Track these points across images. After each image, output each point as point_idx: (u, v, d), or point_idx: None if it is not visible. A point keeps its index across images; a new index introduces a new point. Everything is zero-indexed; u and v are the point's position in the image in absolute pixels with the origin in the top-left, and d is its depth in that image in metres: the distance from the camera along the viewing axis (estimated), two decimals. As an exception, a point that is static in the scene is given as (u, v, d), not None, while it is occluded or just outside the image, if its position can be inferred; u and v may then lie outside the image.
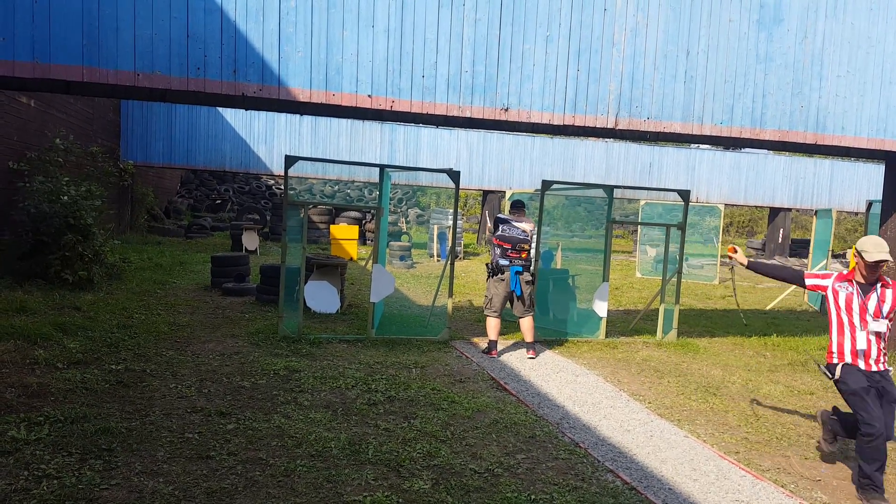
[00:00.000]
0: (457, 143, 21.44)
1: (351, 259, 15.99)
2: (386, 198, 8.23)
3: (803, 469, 4.62)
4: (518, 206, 7.46)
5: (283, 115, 19.73)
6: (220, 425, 4.62)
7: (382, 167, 7.58)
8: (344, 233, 16.71)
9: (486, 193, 23.37)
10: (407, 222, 28.74)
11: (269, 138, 19.52)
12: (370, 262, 7.79)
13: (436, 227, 18.35)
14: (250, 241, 16.29)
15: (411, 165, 20.57)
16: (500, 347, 7.63)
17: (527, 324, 7.33)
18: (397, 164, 19.70)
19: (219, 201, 26.68)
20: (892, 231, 8.31)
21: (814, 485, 4.37)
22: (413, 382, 5.93)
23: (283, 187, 7.29)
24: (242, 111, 19.30)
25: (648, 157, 23.41)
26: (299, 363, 6.29)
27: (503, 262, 7.25)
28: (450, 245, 8.06)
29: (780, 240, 25.38)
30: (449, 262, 7.85)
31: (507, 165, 22.07)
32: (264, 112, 19.33)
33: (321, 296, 8.45)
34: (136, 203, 18.84)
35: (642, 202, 18.84)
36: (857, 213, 27.59)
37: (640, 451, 4.74)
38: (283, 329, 7.30)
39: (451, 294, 7.93)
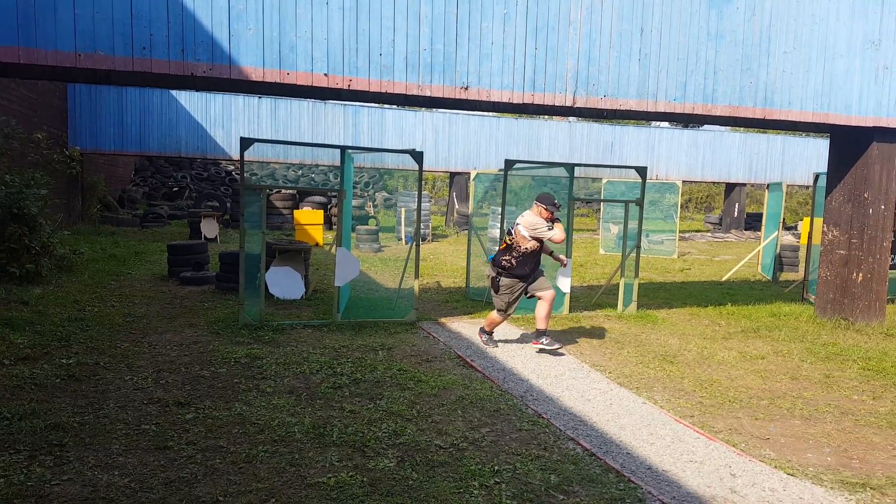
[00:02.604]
0: (422, 124, 21.35)
1: (316, 244, 15.85)
2: (348, 180, 8.16)
3: (753, 429, 4.79)
4: (542, 201, 6.57)
5: (240, 98, 19.32)
6: (179, 415, 4.56)
7: (343, 148, 7.50)
8: (308, 218, 16.54)
9: (453, 175, 23.37)
10: (374, 206, 28.57)
11: (226, 122, 19.11)
12: (335, 246, 7.72)
13: (403, 209, 18.30)
14: (209, 228, 16.00)
15: (381, 148, 20.46)
16: (467, 327, 7.68)
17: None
18: (362, 146, 19.54)
19: (176, 189, 26.09)
20: (837, 202, 8.59)
21: (763, 443, 4.54)
22: (379, 364, 5.94)
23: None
24: (198, 94, 18.83)
25: (610, 136, 23.67)
26: (261, 350, 6.23)
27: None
28: (415, 227, 8.04)
29: (735, 214, 26.02)
30: (415, 243, 7.83)
31: (474, 147, 22.08)
32: (221, 94, 18.90)
33: (284, 282, 8.36)
34: (87, 192, 18.27)
35: (604, 180, 19.08)
36: (807, 187, 28.41)
37: (599, 418, 4.85)
38: (244, 317, 7.22)
39: (417, 276, 7.93)
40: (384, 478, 3.75)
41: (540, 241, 6.46)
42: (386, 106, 20.45)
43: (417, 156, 7.51)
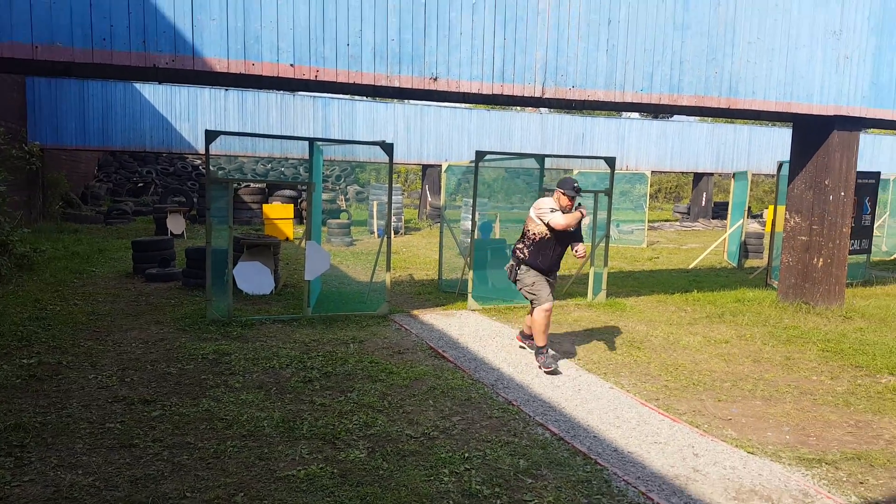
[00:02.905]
0: (394, 116, 21.23)
1: (287, 238, 15.72)
2: (318, 173, 8.10)
3: (716, 410, 4.91)
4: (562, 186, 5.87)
5: (206, 90, 18.98)
6: (145, 413, 4.50)
7: (311, 140, 7.45)
8: (278, 212, 16.37)
9: (425, 167, 23.32)
10: (346, 199, 28.39)
11: (192, 115, 18.77)
12: (305, 240, 7.67)
13: (375, 203, 18.21)
14: (176, 224, 15.74)
15: (351, 140, 20.35)
16: (440, 319, 7.71)
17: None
18: (331, 139, 19.37)
19: (141, 184, 25.58)
20: (799, 189, 8.80)
21: (725, 423, 4.66)
22: (350, 357, 5.93)
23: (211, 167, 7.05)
24: (162, 86, 18.46)
25: (581, 127, 23.84)
26: (230, 346, 6.18)
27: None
28: (386, 219, 8.02)
29: (703, 203, 26.45)
30: (386, 236, 7.81)
31: (446, 139, 22.06)
32: (186, 87, 18.55)
33: (253, 277, 8.28)
34: (48, 189, 17.81)
35: (576, 171, 19.23)
36: (772, 175, 29.01)
37: (568, 404, 4.93)
38: (211, 313, 7.14)
39: (388, 268, 7.93)
40: (355, 469, 3.76)
41: (551, 228, 5.74)
42: (357, 98, 20.31)
43: (388, 147, 7.49)
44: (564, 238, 5.81)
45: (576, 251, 5.88)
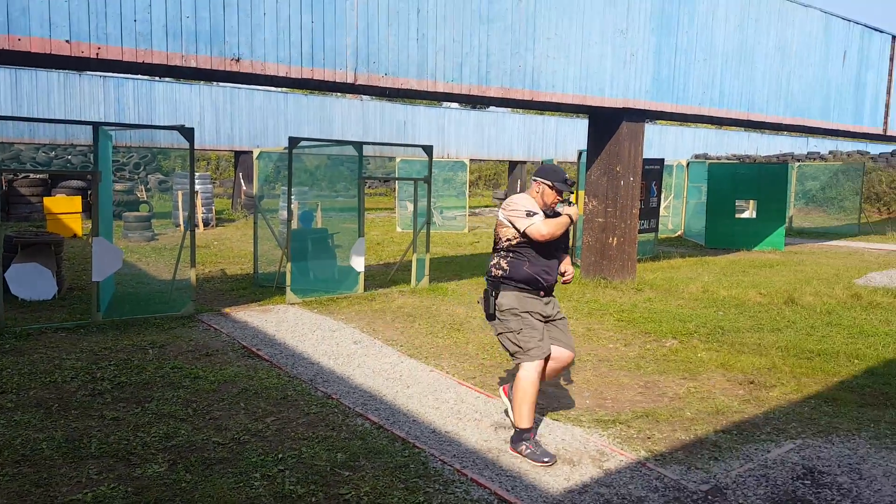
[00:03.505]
0: (199, 99, 19.81)
1: (75, 235, 14.04)
2: (105, 160, 7.27)
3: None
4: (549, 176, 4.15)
5: (-30, 69, 16.33)
6: None
7: (96, 125, 6.64)
8: (63, 206, 14.53)
9: (238, 154, 22.12)
10: (147, 189, 26.09)
11: (-48, 97, 16.06)
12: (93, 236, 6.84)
13: (180, 193, 16.88)
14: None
15: (144, 124, 18.59)
16: (254, 315, 7.32)
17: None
18: (120, 123, 17.60)
19: None
20: (595, 175, 9.61)
21: (535, 397, 4.95)
22: (149, 364, 5.42)
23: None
24: None
25: (403, 115, 24.07)
26: (1, 361, 5.35)
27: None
28: (191, 210, 7.41)
29: (518, 189, 28.11)
30: (190, 228, 7.23)
31: (260, 124, 21.07)
32: (-57, 64, 15.78)
33: (31, 280, 7.25)
34: None
35: (399, 159, 19.37)
36: (576, 163, 31.58)
37: (389, 391, 4.92)
38: (-20, 322, 6.13)
39: (193, 264, 7.36)
40: (153, 485, 3.42)
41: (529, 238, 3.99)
42: (157, 78, 18.62)
43: (187, 132, 6.92)
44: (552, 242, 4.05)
45: (562, 274, 4.17)
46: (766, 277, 10.16)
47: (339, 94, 29.03)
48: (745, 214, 15.66)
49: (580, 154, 11.62)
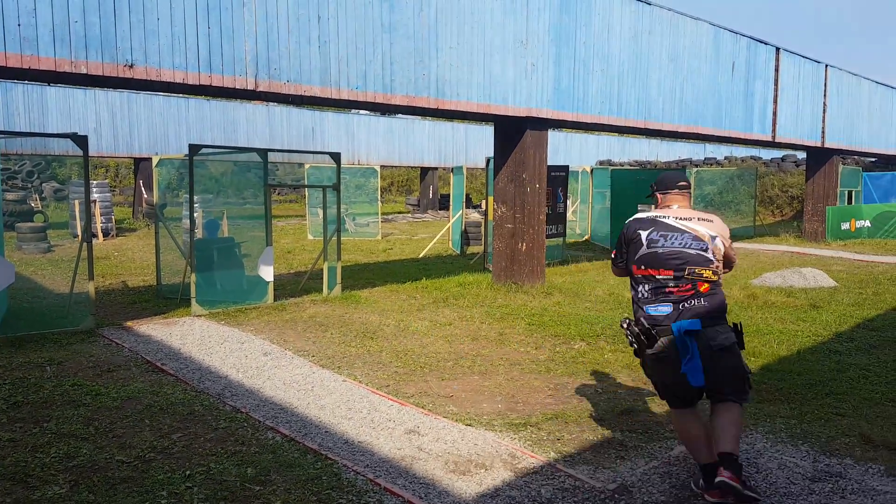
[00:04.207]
0: (95, 104, 18.80)
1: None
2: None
3: (440, 389, 5.31)
4: (669, 185, 3.74)
5: None
6: None
7: (-23, 132, 6.21)
8: (-57, 218, 13.40)
9: (138, 161, 21.12)
10: (42, 199, 24.46)
11: None
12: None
13: (77, 202, 15.93)
14: None
15: (37, 132, 17.39)
16: (158, 329, 7.04)
17: (726, 417, 3.43)
18: (7, 131, 16.42)
19: None
20: (503, 182, 9.90)
21: (447, 400, 5.06)
22: (47, 382, 5.16)
23: None
24: None
25: (311, 121, 23.75)
26: None
27: (652, 311, 3.45)
28: (85, 220, 7.05)
29: (430, 195, 28.37)
30: (87, 239, 6.87)
31: (161, 130, 20.23)
32: None
33: None
34: None
35: (307, 166, 19.11)
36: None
37: (301, 403, 4.89)
38: None
39: (91, 276, 7.01)
40: (49, 511, 3.26)
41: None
42: (48, 84, 17.49)
43: (81, 140, 6.59)
44: None
45: None
46: (663, 277, 10.74)
47: (243, 99, 28.29)
48: (646, 218, 16.40)
49: (488, 161, 11.92)
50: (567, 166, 13.31)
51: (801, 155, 24.01)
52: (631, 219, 3.65)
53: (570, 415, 4.74)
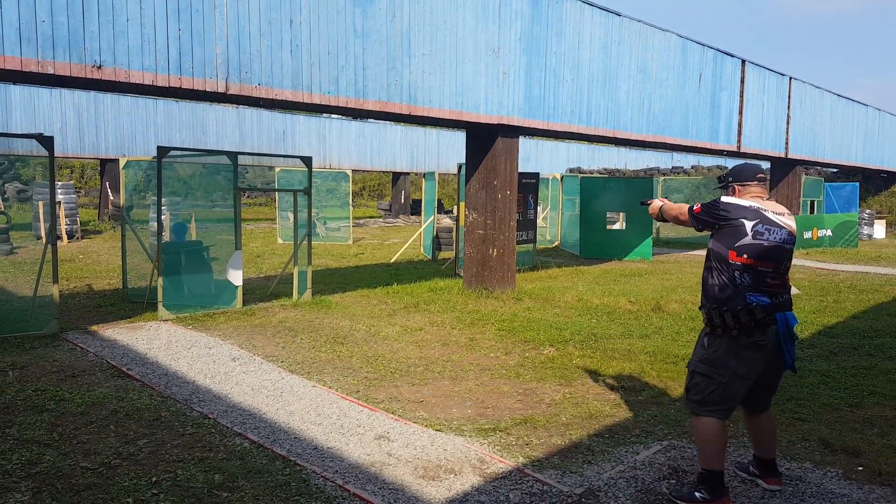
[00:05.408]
0: (61, 104, 18.42)
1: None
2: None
3: (410, 394, 5.31)
4: (749, 177, 3.71)
5: None
6: None
7: (-64, 131, 6.05)
8: None
9: (104, 162, 20.73)
10: (5, 199, 23.86)
11: None
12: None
13: (41, 203, 15.57)
14: None
15: (1, 132, 16.97)
16: (124, 333, 6.92)
17: (774, 424, 3.83)
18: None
19: None
20: (474, 189, 9.97)
21: (418, 406, 5.07)
22: (9, 387, 5.05)
23: None
24: None
25: (282, 124, 23.58)
26: None
27: (754, 300, 3.41)
28: (50, 222, 6.90)
29: (402, 200, 28.35)
30: (51, 241, 6.73)
31: (128, 131, 19.90)
32: None
33: None
34: None
35: (278, 170, 18.95)
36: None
37: (269, 409, 4.86)
38: None
39: (55, 279, 6.86)
40: (10, 521, 3.20)
41: None
42: (12, 83, 17.09)
43: (46, 141, 6.47)
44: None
45: None
46: (635, 286, 10.88)
47: (213, 102, 27.99)
48: (616, 226, 16.70)
49: (459, 167, 11.99)
50: (538, 173, 13.44)
51: (766, 165, 24.62)
52: (729, 200, 3.59)
53: (538, 420, 4.78)
